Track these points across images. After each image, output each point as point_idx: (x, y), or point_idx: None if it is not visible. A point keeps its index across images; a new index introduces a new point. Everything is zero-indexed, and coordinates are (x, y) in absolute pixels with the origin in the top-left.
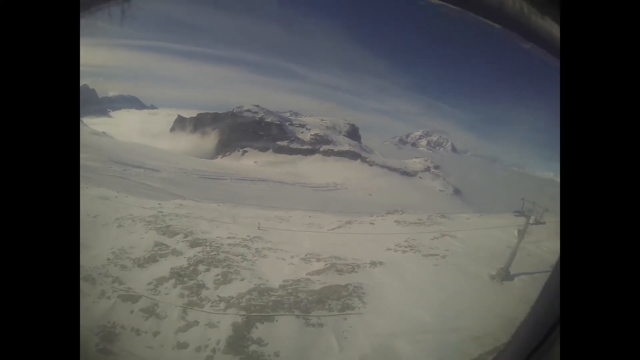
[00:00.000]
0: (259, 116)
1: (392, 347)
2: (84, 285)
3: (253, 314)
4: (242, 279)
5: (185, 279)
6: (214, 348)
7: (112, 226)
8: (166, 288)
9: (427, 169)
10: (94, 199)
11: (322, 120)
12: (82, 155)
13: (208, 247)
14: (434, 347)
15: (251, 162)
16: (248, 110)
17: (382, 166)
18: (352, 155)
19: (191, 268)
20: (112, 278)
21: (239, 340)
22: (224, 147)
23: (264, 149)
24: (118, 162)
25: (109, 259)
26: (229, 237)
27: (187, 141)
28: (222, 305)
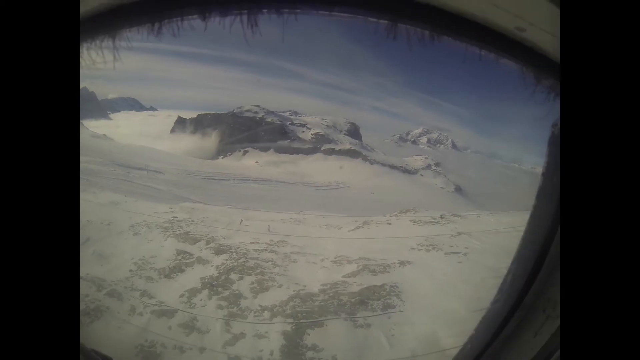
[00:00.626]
0: (260, 116)
1: (437, 339)
2: (110, 302)
3: (301, 320)
4: (280, 286)
5: (220, 289)
6: (269, 359)
7: (129, 234)
8: (201, 300)
9: (428, 167)
10: (104, 205)
11: (322, 119)
12: (84, 159)
13: (234, 253)
14: None
15: (252, 162)
16: (248, 111)
17: (384, 164)
18: (353, 154)
19: (223, 277)
20: (139, 292)
21: (293, 349)
22: (225, 148)
23: (265, 149)
24: (121, 164)
25: (131, 271)
26: (252, 242)
27: (188, 142)
28: (267, 314)
